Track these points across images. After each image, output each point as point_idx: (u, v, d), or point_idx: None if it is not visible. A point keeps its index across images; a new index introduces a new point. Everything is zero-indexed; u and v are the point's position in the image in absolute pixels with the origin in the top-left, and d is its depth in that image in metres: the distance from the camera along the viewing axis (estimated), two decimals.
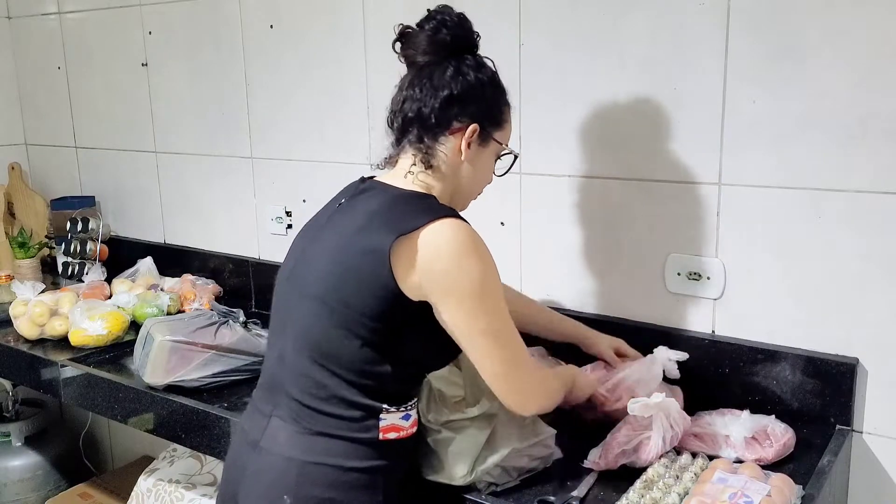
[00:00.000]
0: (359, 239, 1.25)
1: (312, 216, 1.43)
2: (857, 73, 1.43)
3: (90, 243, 2.67)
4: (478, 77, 1.31)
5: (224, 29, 2.34)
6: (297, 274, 1.34)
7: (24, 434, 2.75)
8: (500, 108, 1.36)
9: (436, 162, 1.32)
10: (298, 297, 1.32)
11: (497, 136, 1.36)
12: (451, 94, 1.29)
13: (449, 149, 1.32)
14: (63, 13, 2.79)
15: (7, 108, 3.02)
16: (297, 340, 1.30)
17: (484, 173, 1.40)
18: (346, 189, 1.42)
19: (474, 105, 1.31)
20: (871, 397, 1.51)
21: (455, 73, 1.30)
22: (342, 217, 1.32)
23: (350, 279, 1.24)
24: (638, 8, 1.62)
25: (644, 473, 1.34)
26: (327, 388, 1.26)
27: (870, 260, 1.47)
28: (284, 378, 1.31)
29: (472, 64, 1.32)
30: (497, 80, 1.36)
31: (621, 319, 1.76)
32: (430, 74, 1.30)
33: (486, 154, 1.37)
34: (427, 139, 1.31)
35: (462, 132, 1.31)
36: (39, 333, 2.15)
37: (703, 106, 1.58)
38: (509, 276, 1.90)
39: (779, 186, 1.53)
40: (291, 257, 1.39)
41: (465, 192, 1.39)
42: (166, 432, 1.79)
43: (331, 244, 1.30)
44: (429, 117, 1.30)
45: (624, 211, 1.72)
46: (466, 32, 1.34)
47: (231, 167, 2.41)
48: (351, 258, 1.25)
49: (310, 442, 1.27)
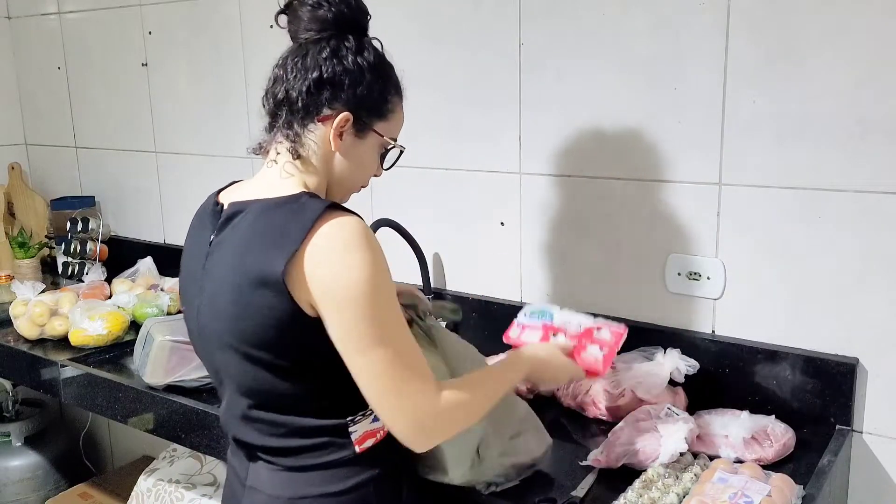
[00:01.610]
0: (246, 276, 1.11)
1: (184, 262, 1.28)
2: (857, 73, 1.43)
3: (90, 243, 2.67)
4: (356, 61, 1.17)
5: (224, 29, 2.34)
6: (204, 330, 1.22)
7: (24, 434, 2.74)
8: (384, 97, 1.21)
9: (304, 152, 1.18)
10: (217, 350, 1.20)
11: (379, 127, 1.22)
12: (320, 76, 1.15)
13: (319, 138, 1.18)
14: (63, 13, 2.79)
15: (7, 108, 3.02)
16: (235, 391, 1.21)
17: (364, 167, 1.25)
18: (203, 222, 1.25)
19: (348, 91, 1.17)
20: (871, 397, 1.51)
21: (331, 55, 1.16)
22: (220, 256, 1.17)
23: (253, 321, 1.12)
24: (638, 8, 1.62)
25: (643, 473, 1.34)
26: (284, 425, 1.18)
27: (870, 260, 1.47)
28: (240, 429, 1.23)
29: (351, 46, 1.17)
30: (382, 67, 1.21)
31: (621, 319, 1.75)
32: (304, 53, 1.17)
33: (364, 146, 1.22)
34: (296, 125, 1.17)
35: (332, 120, 1.17)
36: (39, 333, 2.15)
37: (703, 106, 1.58)
38: (509, 275, 1.91)
39: (779, 186, 1.53)
40: (190, 315, 1.26)
41: (343, 186, 1.25)
42: (166, 432, 1.79)
43: (221, 289, 1.16)
44: (296, 101, 1.16)
45: (624, 211, 1.72)
46: (353, 11, 1.19)
47: (231, 167, 2.41)
48: (245, 298, 1.11)
49: (290, 479, 1.20)
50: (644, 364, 1.60)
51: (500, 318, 1.90)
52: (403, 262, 1.96)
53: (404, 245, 1.94)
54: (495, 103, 1.85)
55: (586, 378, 1.44)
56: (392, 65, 1.24)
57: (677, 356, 1.58)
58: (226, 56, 2.36)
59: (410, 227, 1.94)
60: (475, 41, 1.86)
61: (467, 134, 1.91)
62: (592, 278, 1.79)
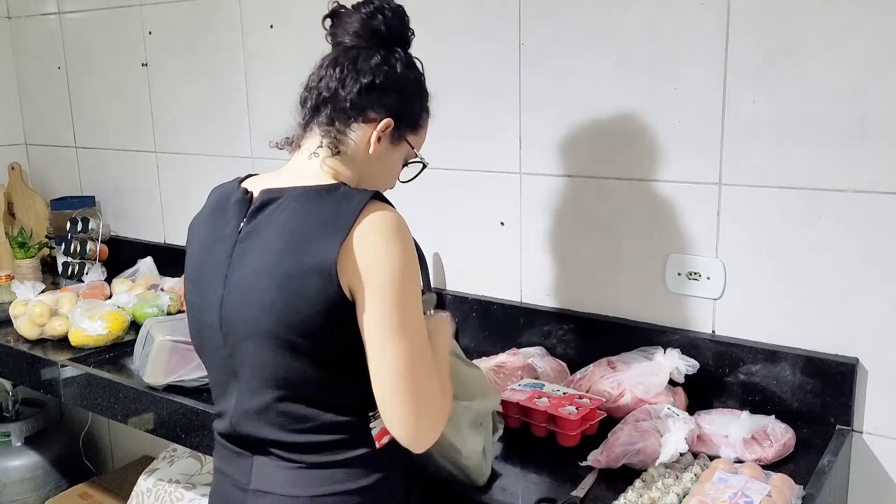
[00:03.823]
0: (297, 263, 1.12)
1: (196, 253, 1.27)
2: (857, 73, 1.43)
3: (90, 243, 2.67)
4: (404, 73, 1.24)
5: (224, 29, 2.34)
6: (228, 320, 1.20)
7: (24, 434, 2.75)
8: (420, 112, 1.29)
9: (343, 149, 1.22)
10: (245, 340, 1.18)
11: (410, 139, 1.29)
12: (372, 81, 1.21)
13: (359, 138, 1.23)
14: (63, 13, 2.79)
15: (7, 108, 3.02)
16: (257, 385, 1.19)
17: (389, 174, 1.31)
18: (225, 210, 1.24)
19: (394, 99, 1.23)
20: (871, 397, 1.51)
21: (382, 62, 1.22)
22: (256, 243, 1.17)
23: (299, 307, 1.12)
24: (638, 8, 1.62)
25: (643, 473, 1.34)
26: (309, 419, 1.18)
27: (870, 260, 1.47)
28: (255, 427, 1.21)
29: (400, 58, 1.25)
30: (422, 83, 1.30)
31: (621, 319, 1.76)
32: (354, 57, 1.22)
33: (394, 154, 1.28)
34: (338, 123, 1.22)
35: (375, 124, 1.23)
36: (39, 333, 2.15)
37: (703, 106, 1.58)
38: (509, 275, 1.90)
39: (779, 186, 1.53)
40: (206, 306, 1.23)
41: (369, 186, 1.26)
42: (166, 432, 1.79)
43: (260, 277, 1.15)
44: (344, 99, 1.21)
45: (624, 211, 1.72)
46: (402, 25, 1.27)
47: (231, 167, 2.41)
48: (296, 284, 1.12)
49: (310, 476, 1.19)
50: (644, 364, 1.60)
51: (500, 318, 1.91)
52: None
53: None
54: (495, 103, 1.85)
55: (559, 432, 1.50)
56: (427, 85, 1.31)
57: (677, 356, 1.58)
58: (226, 56, 2.36)
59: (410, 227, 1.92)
60: (475, 41, 1.86)
61: (467, 134, 1.91)
62: (592, 278, 1.79)
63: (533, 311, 1.86)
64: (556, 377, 1.71)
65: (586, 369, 1.68)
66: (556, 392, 1.58)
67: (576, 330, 1.81)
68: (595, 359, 1.70)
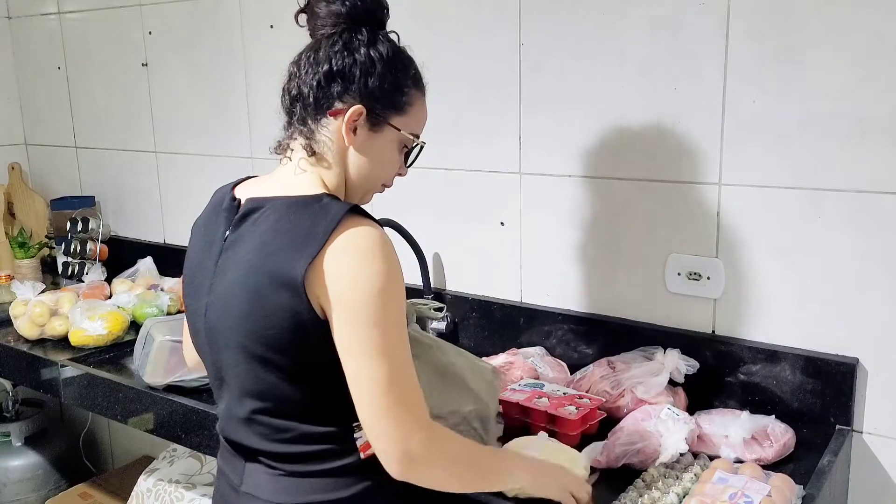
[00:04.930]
0: (266, 276, 1.09)
1: (191, 256, 1.26)
2: (857, 73, 1.43)
3: (90, 243, 2.67)
4: (367, 53, 1.15)
5: (224, 29, 2.34)
6: (210, 329, 1.19)
7: (24, 434, 2.75)
8: (400, 90, 1.18)
9: (319, 148, 1.17)
10: (224, 350, 1.17)
11: (396, 121, 1.19)
12: (330, 69, 1.14)
13: (332, 132, 1.16)
14: (63, 13, 2.79)
15: (7, 108, 3.02)
16: (238, 394, 1.18)
17: (382, 164, 1.22)
18: (217, 216, 1.22)
19: (359, 83, 1.14)
20: (871, 397, 1.51)
21: (342, 48, 1.14)
22: (236, 254, 1.15)
23: (269, 322, 1.10)
24: (638, 8, 1.62)
25: (643, 473, 1.34)
26: (288, 430, 1.15)
27: (870, 260, 1.47)
28: (240, 432, 1.20)
29: (363, 38, 1.15)
30: (397, 59, 1.18)
31: (621, 319, 1.76)
32: (317, 48, 1.16)
33: (381, 141, 1.19)
34: (309, 121, 1.16)
35: (343, 114, 1.15)
36: (39, 333, 2.15)
37: (703, 106, 1.58)
38: (509, 276, 1.90)
39: (779, 186, 1.53)
40: (195, 311, 1.22)
41: (362, 185, 1.22)
42: (166, 432, 1.79)
43: (236, 288, 1.13)
44: (308, 96, 1.15)
45: (624, 211, 1.72)
46: (367, 3, 1.17)
47: (231, 167, 2.41)
48: (264, 298, 1.09)
49: (293, 484, 1.17)
50: (644, 364, 1.60)
51: (500, 318, 1.91)
52: (403, 263, 1.94)
53: (404, 245, 1.94)
54: (495, 103, 1.85)
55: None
56: (411, 57, 1.22)
57: (677, 356, 1.58)
58: (226, 56, 2.36)
59: (410, 227, 1.94)
60: (475, 41, 1.86)
61: (467, 134, 1.91)
62: (592, 278, 1.79)
63: (533, 311, 1.87)
64: (555, 377, 1.71)
65: (586, 369, 1.68)
66: (556, 392, 1.57)
67: (576, 330, 1.81)
68: (595, 359, 1.70)
